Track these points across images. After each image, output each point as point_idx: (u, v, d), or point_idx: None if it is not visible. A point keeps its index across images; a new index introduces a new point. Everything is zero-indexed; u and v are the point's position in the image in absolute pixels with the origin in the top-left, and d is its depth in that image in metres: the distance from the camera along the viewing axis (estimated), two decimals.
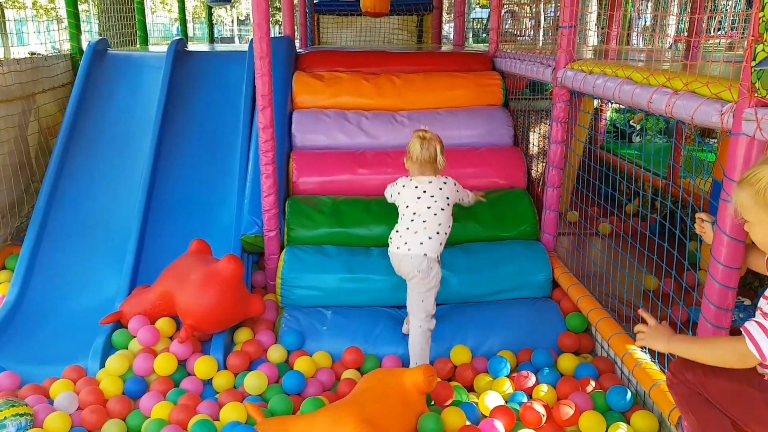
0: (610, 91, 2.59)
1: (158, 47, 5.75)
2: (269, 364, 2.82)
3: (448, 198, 2.91)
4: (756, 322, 1.49)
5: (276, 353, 2.91)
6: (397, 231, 2.91)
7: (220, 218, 3.68)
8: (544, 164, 4.62)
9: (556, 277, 3.34)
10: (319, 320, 3.10)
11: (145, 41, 6.37)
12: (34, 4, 22.84)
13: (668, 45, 5.15)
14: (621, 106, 3.80)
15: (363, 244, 3.45)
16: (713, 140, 4.99)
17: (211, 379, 2.74)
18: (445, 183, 2.93)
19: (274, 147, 3.35)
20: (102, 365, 2.77)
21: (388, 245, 3.32)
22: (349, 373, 2.80)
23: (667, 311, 2.66)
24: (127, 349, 2.88)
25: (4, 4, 22.49)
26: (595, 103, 5.19)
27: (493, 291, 3.29)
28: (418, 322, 2.81)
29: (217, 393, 2.68)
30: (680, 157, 4.45)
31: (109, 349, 2.88)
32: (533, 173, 4.41)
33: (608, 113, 6.00)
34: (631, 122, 6.60)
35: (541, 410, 2.42)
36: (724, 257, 1.88)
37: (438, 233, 2.84)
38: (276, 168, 3.40)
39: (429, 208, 2.85)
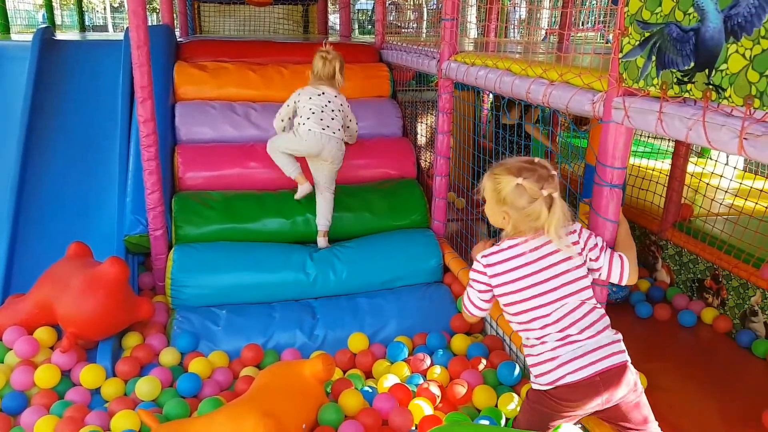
0: (491, 82, 2.71)
1: (22, 36, 5.27)
2: (162, 368, 2.71)
3: (342, 105, 3.34)
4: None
5: (168, 356, 2.80)
6: (303, 122, 3.23)
7: (100, 219, 3.47)
8: (432, 154, 4.76)
9: (447, 262, 3.47)
10: (213, 320, 3.01)
11: (6, 29, 5.80)
12: None
13: (542, 38, 5.47)
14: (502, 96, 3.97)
15: (256, 239, 3.39)
16: (585, 127, 5.39)
17: (99, 388, 2.59)
18: (339, 95, 3.36)
19: (156, 141, 3.20)
20: None
21: (281, 240, 3.32)
22: (247, 371, 2.75)
23: None
24: (2, 363, 2.66)
25: None
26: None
27: (388, 279, 3.36)
28: (329, 193, 3.37)
29: (107, 402, 2.53)
30: (556, 144, 4.76)
31: None
32: (422, 163, 4.54)
33: (488, 103, 6.27)
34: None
35: (436, 391, 2.52)
36: (599, 236, 1.99)
37: (333, 119, 3.26)
38: (160, 163, 3.25)
39: (324, 103, 3.28)
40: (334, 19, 11.07)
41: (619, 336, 1.92)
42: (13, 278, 3.12)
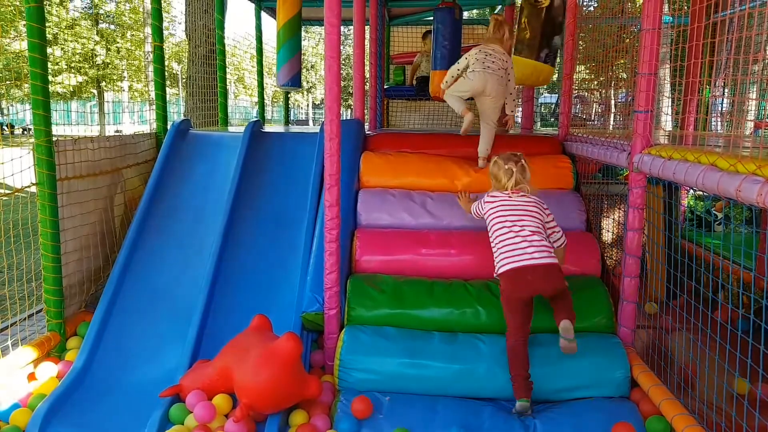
0: (692, 178, 2.45)
1: (237, 128, 6.05)
2: None
3: (505, 61, 4.01)
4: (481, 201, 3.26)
5: None
6: (472, 69, 3.94)
7: (283, 294, 3.68)
8: (619, 252, 4.41)
9: (635, 376, 3.08)
10: (376, 407, 2.95)
11: (225, 122, 6.74)
12: (130, 87, 25.15)
13: (749, 131, 4.93)
14: (702, 192, 3.58)
15: (423, 327, 3.34)
16: None
17: None
18: (505, 54, 4.03)
19: (338, 225, 3.36)
20: None
21: (448, 330, 3.23)
22: None
23: (765, 423, 2.35)
24: (183, 424, 2.84)
25: (104, 87, 24.89)
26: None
27: (564, 387, 3.05)
28: (491, 124, 4.09)
29: None
30: None
31: (166, 423, 2.86)
32: (607, 261, 4.20)
33: (686, 200, 5.74)
34: (713, 210, 6.28)
35: None
36: None
37: (494, 63, 3.94)
38: (339, 246, 3.39)
39: (490, 55, 3.96)
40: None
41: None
42: (203, 343, 3.38)
